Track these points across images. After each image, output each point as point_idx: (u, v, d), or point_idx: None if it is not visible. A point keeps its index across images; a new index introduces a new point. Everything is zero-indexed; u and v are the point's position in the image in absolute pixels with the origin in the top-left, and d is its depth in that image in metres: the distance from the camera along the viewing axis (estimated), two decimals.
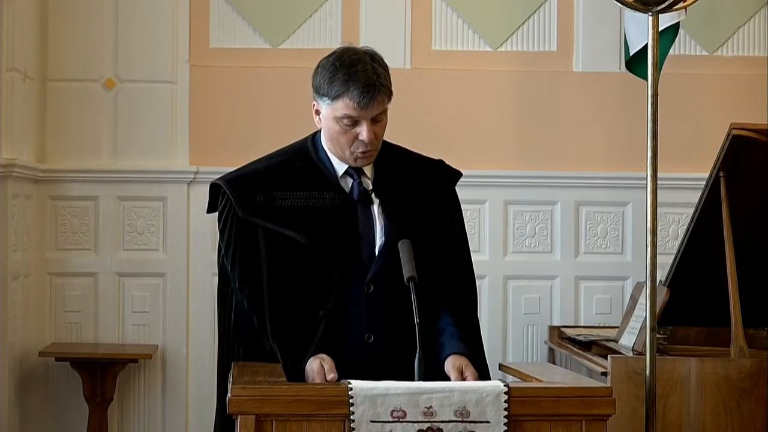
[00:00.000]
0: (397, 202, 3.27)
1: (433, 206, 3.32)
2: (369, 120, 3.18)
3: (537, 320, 5.50)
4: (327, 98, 3.21)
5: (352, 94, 3.15)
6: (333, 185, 3.26)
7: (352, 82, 3.16)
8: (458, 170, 3.42)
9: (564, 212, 5.58)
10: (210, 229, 5.47)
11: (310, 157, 3.31)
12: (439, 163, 3.42)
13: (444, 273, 3.27)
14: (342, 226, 3.22)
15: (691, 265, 4.40)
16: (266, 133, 5.45)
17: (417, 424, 2.76)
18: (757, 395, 3.96)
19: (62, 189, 5.42)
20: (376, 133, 3.21)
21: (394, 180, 3.30)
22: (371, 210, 3.26)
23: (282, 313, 3.18)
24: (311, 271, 3.19)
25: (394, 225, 3.22)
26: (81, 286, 5.43)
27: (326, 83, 3.22)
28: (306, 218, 3.21)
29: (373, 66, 3.19)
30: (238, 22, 5.53)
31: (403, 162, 3.35)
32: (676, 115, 5.46)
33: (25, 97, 5.19)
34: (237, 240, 3.25)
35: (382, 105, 3.19)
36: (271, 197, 3.24)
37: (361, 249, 3.22)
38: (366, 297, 3.19)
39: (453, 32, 5.59)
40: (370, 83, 3.15)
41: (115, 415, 5.39)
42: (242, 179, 3.31)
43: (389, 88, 3.20)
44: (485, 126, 5.52)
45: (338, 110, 3.19)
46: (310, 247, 3.19)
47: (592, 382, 3.33)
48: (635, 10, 3.60)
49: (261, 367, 3.14)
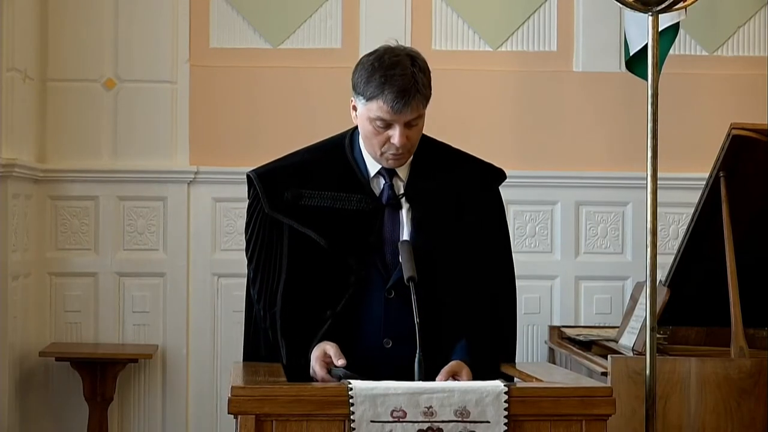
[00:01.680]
0: (429, 208, 3.22)
1: (471, 210, 3.26)
2: (402, 124, 3.13)
3: (537, 320, 5.50)
4: (362, 97, 3.16)
5: (386, 98, 3.10)
6: (363, 187, 3.23)
7: (387, 86, 3.09)
8: (502, 170, 3.36)
9: (564, 212, 5.58)
10: (210, 229, 5.48)
11: (344, 156, 3.27)
12: (481, 162, 3.36)
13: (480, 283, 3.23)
14: (365, 230, 3.19)
15: (691, 265, 4.40)
16: (266, 133, 5.45)
17: (417, 424, 2.76)
18: (757, 395, 3.96)
19: (62, 189, 5.42)
20: (410, 137, 3.15)
21: (430, 182, 3.24)
22: (399, 214, 3.22)
23: (293, 311, 3.18)
24: (329, 272, 3.18)
25: (422, 233, 3.18)
26: (81, 286, 5.43)
27: (363, 83, 3.15)
28: (329, 219, 3.19)
29: (412, 70, 3.12)
30: (238, 22, 5.53)
31: (442, 161, 3.30)
32: (676, 115, 5.47)
33: (25, 97, 5.19)
34: (258, 235, 3.25)
35: (417, 110, 3.13)
36: (299, 195, 3.21)
37: (385, 254, 3.18)
38: (386, 302, 3.17)
39: (453, 32, 5.59)
40: (406, 88, 3.09)
41: (115, 415, 5.39)
42: (274, 174, 3.28)
43: (426, 94, 3.14)
44: (485, 126, 5.52)
45: (372, 111, 3.14)
46: (329, 248, 3.18)
47: (592, 382, 3.33)
48: (635, 10, 3.60)
49: (261, 367, 3.15)
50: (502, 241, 3.36)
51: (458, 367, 3.10)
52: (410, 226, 3.20)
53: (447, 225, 3.22)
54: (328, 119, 5.17)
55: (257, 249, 3.25)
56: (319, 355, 3.09)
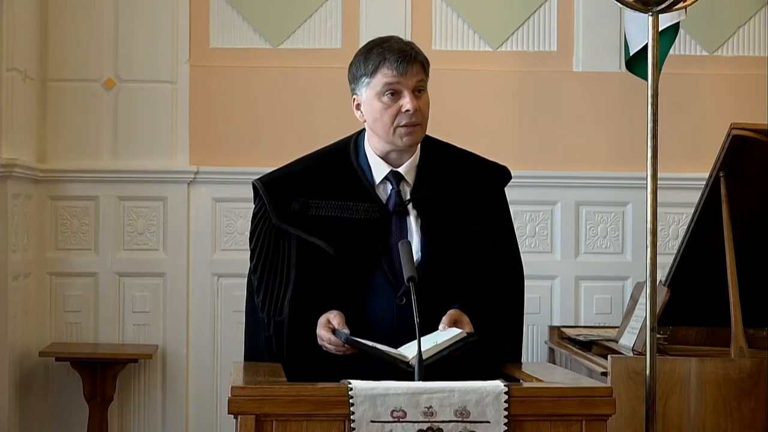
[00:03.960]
0: (436, 214, 3.22)
1: (478, 212, 3.27)
2: (410, 89, 3.16)
3: (537, 320, 5.49)
4: (365, 77, 3.20)
5: (389, 62, 3.16)
6: (369, 194, 3.23)
7: (387, 52, 3.17)
8: (507, 169, 3.38)
9: (564, 212, 5.58)
10: (210, 229, 5.48)
11: (349, 162, 3.28)
12: (486, 162, 3.37)
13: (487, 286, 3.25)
14: (373, 239, 3.19)
15: (691, 265, 4.40)
16: (266, 133, 5.46)
17: (417, 424, 2.76)
18: (757, 395, 3.96)
19: (62, 189, 5.42)
20: (420, 107, 3.18)
21: (436, 186, 3.25)
22: (407, 221, 3.22)
23: (301, 320, 3.17)
24: (337, 281, 3.18)
25: (431, 240, 3.19)
26: (81, 286, 5.43)
27: (362, 63, 3.21)
28: (338, 229, 3.19)
29: (406, 41, 3.24)
30: (238, 22, 5.53)
31: (447, 162, 3.31)
32: (676, 115, 5.46)
33: (25, 97, 5.18)
34: (264, 245, 3.25)
35: (421, 74, 3.19)
36: (306, 206, 3.21)
37: (393, 261, 3.17)
38: (398, 309, 3.17)
39: (453, 32, 5.59)
40: (405, 50, 3.18)
41: (115, 415, 5.39)
42: (279, 182, 3.28)
43: (426, 61, 3.22)
44: (485, 126, 5.52)
45: (378, 84, 3.18)
46: (338, 257, 3.18)
47: (592, 382, 3.33)
48: (635, 10, 3.59)
49: (261, 367, 3.15)
50: (510, 242, 3.39)
51: (458, 315, 3.12)
52: (419, 234, 3.20)
53: (455, 231, 3.22)
54: (328, 119, 5.21)
55: (263, 257, 3.25)
56: (324, 322, 3.11)
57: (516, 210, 5.52)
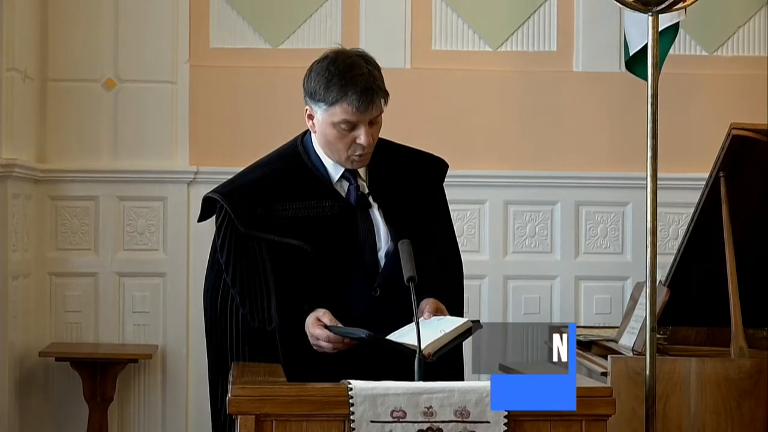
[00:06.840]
0: (395, 204, 3.29)
1: (426, 200, 3.35)
2: (366, 123, 3.18)
3: (537, 320, 5.50)
4: (323, 103, 3.19)
5: (350, 99, 3.14)
6: (329, 192, 3.26)
7: (349, 87, 3.14)
8: (444, 161, 3.44)
9: (564, 212, 5.58)
10: (210, 230, 5.46)
11: (303, 163, 3.30)
12: (426, 155, 3.44)
13: (438, 259, 3.32)
14: (344, 233, 3.22)
15: (691, 265, 4.40)
16: (266, 133, 5.44)
17: (417, 424, 2.76)
18: (757, 395, 3.96)
19: (62, 189, 5.42)
20: (373, 135, 3.21)
21: (389, 179, 3.31)
22: (370, 214, 3.27)
23: (292, 327, 3.18)
24: (317, 280, 3.19)
25: (396, 228, 3.24)
26: (81, 286, 5.43)
27: (322, 89, 3.18)
28: (308, 228, 3.21)
29: (368, 68, 3.18)
30: (238, 22, 5.53)
31: (394, 158, 3.36)
32: (676, 115, 5.46)
33: (25, 97, 5.19)
34: (237, 256, 3.26)
35: (380, 108, 3.19)
36: (271, 210, 3.23)
37: (364, 254, 3.22)
38: (373, 300, 3.20)
39: (453, 32, 5.59)
40: (368, 87, 3.15)
41: (115, 415, 5.39)
42: (239, 192, 3.29)
43: (386, 91, 3.20)
44: (485, 126, 5.52)
45: (336, 116, 3.17)
46: (315, 255, 3.19)
47: (592, 382, 3.33)
48: (635, 10, 3.60)
49: (261, 367, 3.15)
50: (449, 223, 3.47)
51: (437, 303, 3.18)
52: (385, 225, 3.25)
53: (412, 219, 3.28)
54: None
55: (239, 269, 3.26)
56: (313, 321, 3.12)
57: (516, 210, 5.57)
